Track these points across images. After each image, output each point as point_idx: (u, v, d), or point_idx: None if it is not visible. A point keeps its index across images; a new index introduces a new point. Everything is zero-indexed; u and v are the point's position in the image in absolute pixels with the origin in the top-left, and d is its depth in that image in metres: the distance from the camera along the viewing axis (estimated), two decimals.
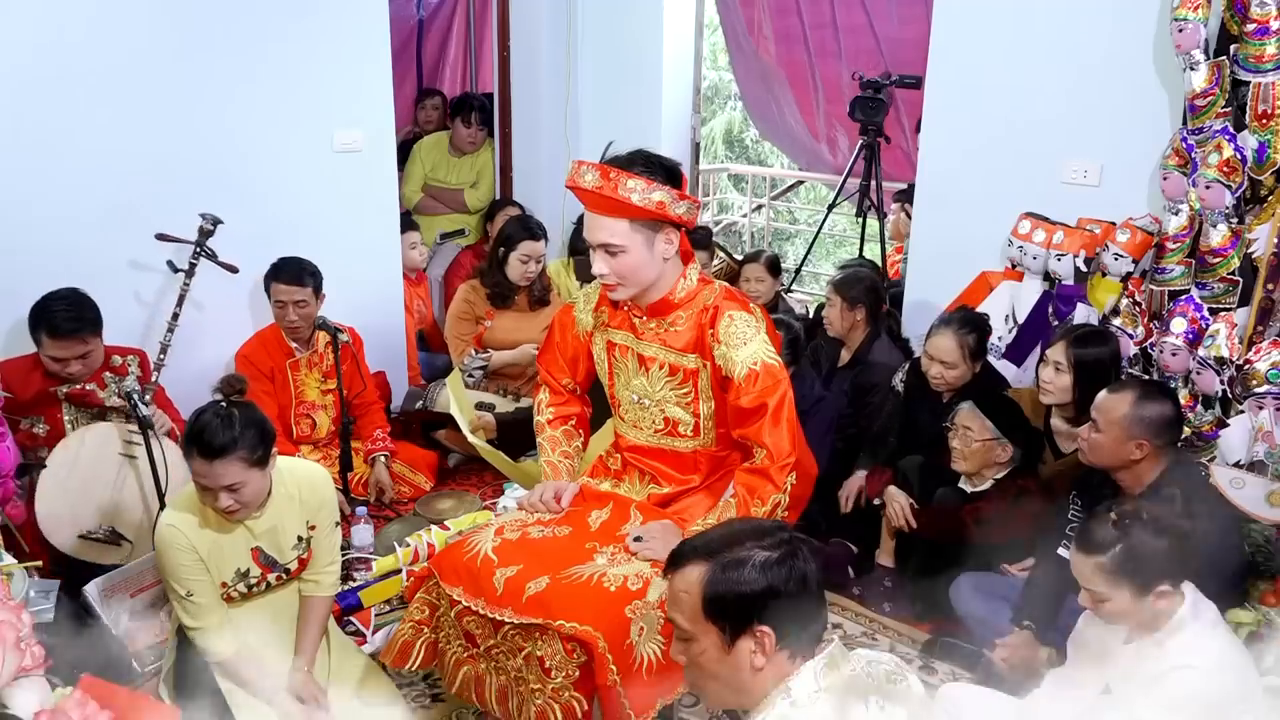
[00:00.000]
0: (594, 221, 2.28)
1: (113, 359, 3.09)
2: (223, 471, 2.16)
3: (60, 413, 3.02)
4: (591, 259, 2.32)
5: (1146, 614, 1.97)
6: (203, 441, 2.15)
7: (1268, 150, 2.85)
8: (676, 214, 2.26)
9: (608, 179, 2.20)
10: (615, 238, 2.25)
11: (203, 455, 2.15)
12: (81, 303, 2.97)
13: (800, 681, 1.44)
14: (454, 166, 5.20)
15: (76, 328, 2.93)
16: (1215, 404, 2.96)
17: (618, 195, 2.20)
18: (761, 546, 1.47)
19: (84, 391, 3.00)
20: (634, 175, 2.20)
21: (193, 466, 2.20)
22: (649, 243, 2.27)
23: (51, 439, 2.96)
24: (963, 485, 3.03)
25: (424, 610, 2.44)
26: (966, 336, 3.14)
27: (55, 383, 3.00)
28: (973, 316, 3.26)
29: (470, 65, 6.31)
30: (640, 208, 2.21)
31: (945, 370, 3.16)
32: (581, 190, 2.26)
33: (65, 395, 3.00)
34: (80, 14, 3.19)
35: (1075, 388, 2.86)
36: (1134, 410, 2.38)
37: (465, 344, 4.19)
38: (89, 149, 3.28)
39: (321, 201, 3.88)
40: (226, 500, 2.20)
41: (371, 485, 3.69)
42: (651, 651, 2.20)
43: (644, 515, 2.45)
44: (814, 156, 5.43)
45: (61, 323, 2.92)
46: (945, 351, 3.14)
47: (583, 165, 2.25)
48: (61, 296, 2.96)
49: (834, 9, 4.77)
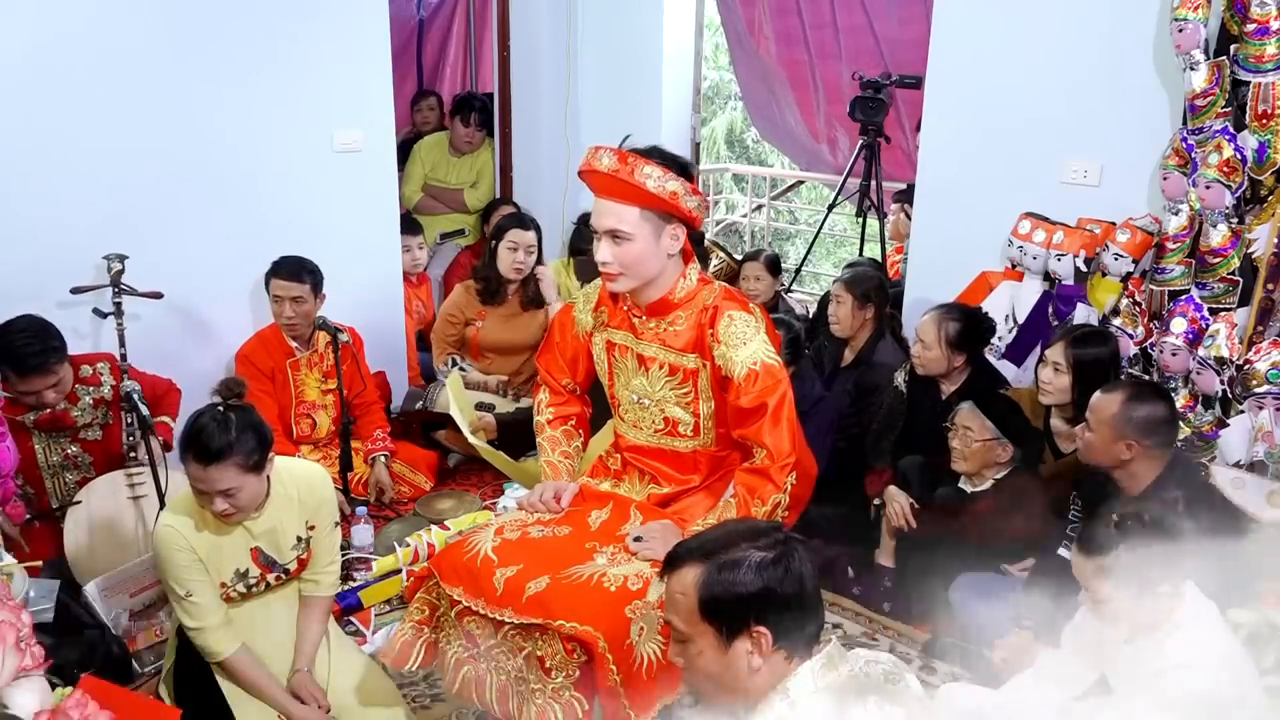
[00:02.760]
0: (603, 207, 2.28)
1: (81, 369, 2.97)
2: (218, 476, 2.14)
3: (31, 440, 2.90)
4: (595, 248, 2.32)
5: (1147, 614, 1.97)
6: (199, 446, 2.13)
7: (1268, 150, 2.85)
8: (687, 208, 2.27)
9: (624, 163, 2.22)
10: (624, 224, 2.25)
11: (199, 460, 2.14)
12: (44, 331, 2.79)
13: (798, 682, 1.44)
14: (454, 166, 5.20)
15: (43, 360, 2.75)
16: (1215, 404, 2.96)
17: (633, 180, 2.21)
18: (757, 547, 1.47)
19: (54, 415, 2.88)
20: (650, 162, 2.22)
21: (189, 471, 2.18)
22: (656, 234, 2.28)
23: (23, 468, 2.84)
24: (963, 485, 3.03)
25: (424, 610, 2.44)
26: (948, 322, 3.16)
27: (22, 410, 2.85)
28: (966, 309, 3.28)
29: (470, 65, 6.31)
30: (654, 194, 2.22)
31: (923, 351, 3.21)
32: (595, 174, 2.26)
33: (33, 423, 2.87)
34: (79, 14, 3.19)
35: (1074, 388, 2.86)
36: (1123, 410, 2.39)
37: (448, 346, 4.21)
38: (88, 149, 3.28)
39: (321, 201, 3.88)
40: (221, 505, 2.18)
41: (371, 485, 3.69)
42: (652, 651, 2.20)
43: (644, 515, 2.45)
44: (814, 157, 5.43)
45: (28, 358, 2.73)
46: (925, 331, 3.21)
47: (600, 149, 2.26)
48: (20, 329, 2.77)
49: (834, 9, 4.77)
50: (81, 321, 3.30)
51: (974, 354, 3.24)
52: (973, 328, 3.20)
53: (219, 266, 3.64)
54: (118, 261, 3.20)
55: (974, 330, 3.21)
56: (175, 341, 3.51)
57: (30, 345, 2.75)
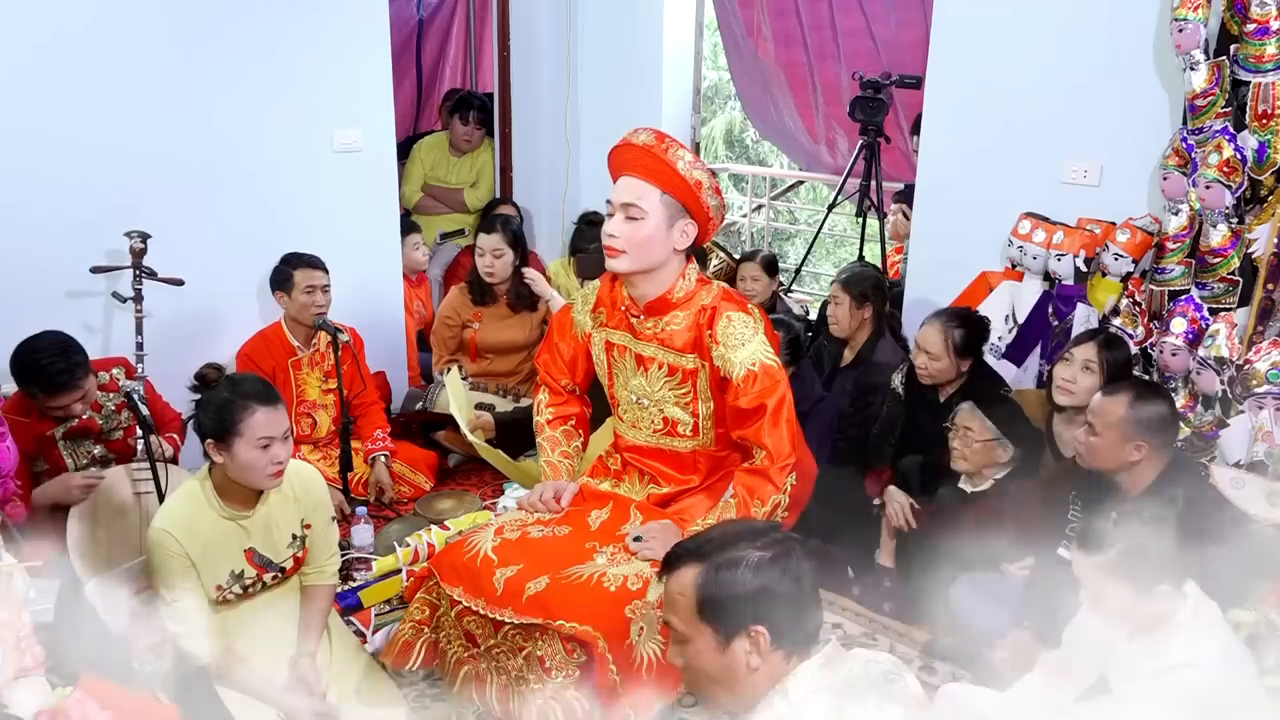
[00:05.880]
0: (625, 183, 2.32)
1: (100, 376, 3.00)
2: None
3: (57, 449, 2.95)
4: (606, 223, 2.33)
5: (1148, 614, 1.97)
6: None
7: (1268, 150, 2.85)
8: (707, 203, 2.31)
9: (661, 142, 2.28)
10: (643, 201, 2.28)
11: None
12: (67, 347, 2.81)
13: (797, 682, 1.44)
14: (454, 166, 5.20)
15: (69, 377, 2.79)
16: (1215, 404, 2.96)
17: (666, 157, 2.26)
18: (755, 547, 1.47)
19: (82, 424, 2.93)
20: (684, 148, 2.30)
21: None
22: (669, 222, 2.30)
23: (52, 475, 2.90)
24: (963, 485, 3.03)
25: (424, 610, 2.44)
26: (953, 330, 3.14)
27: (53, 424, 2.91)
28: (964, 313, 3.26)
29: (470, 65, 6.31)
30: (681, 176, 2.26)
31: (930, 361, 3.18)
32: (628, 148, 2.31)
33: (63, 435, 2.93)
34: (79, 14, 3.19)
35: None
36: (1131, 412, 2.37)
37: (447, 350, 4.23)
38: (87, 149, 3.28)
39: (321, 201, 3.88)
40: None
41: (371, 485, 3.69)
42: (651, 651, 2.20)
43: (644, 515, 2.45)
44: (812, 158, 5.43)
45: (56, 376, 2.77)
46: (930, 343, 3.17)
47: (640, 129, 2.33)
48: (44, 348, 2.79)
49: (832, 11, 4.77)
50: (92, 314, 3.32)
51: (977, 357, 3.25)
52: (975, 332, 3.21)
53: (219, 266, 3.63)
54: (139, 240, 3.17)
55: (976, 334, 3.21)
56: (175, 341, 3.51)
57: (56, 363, 2.78)
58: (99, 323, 3.40)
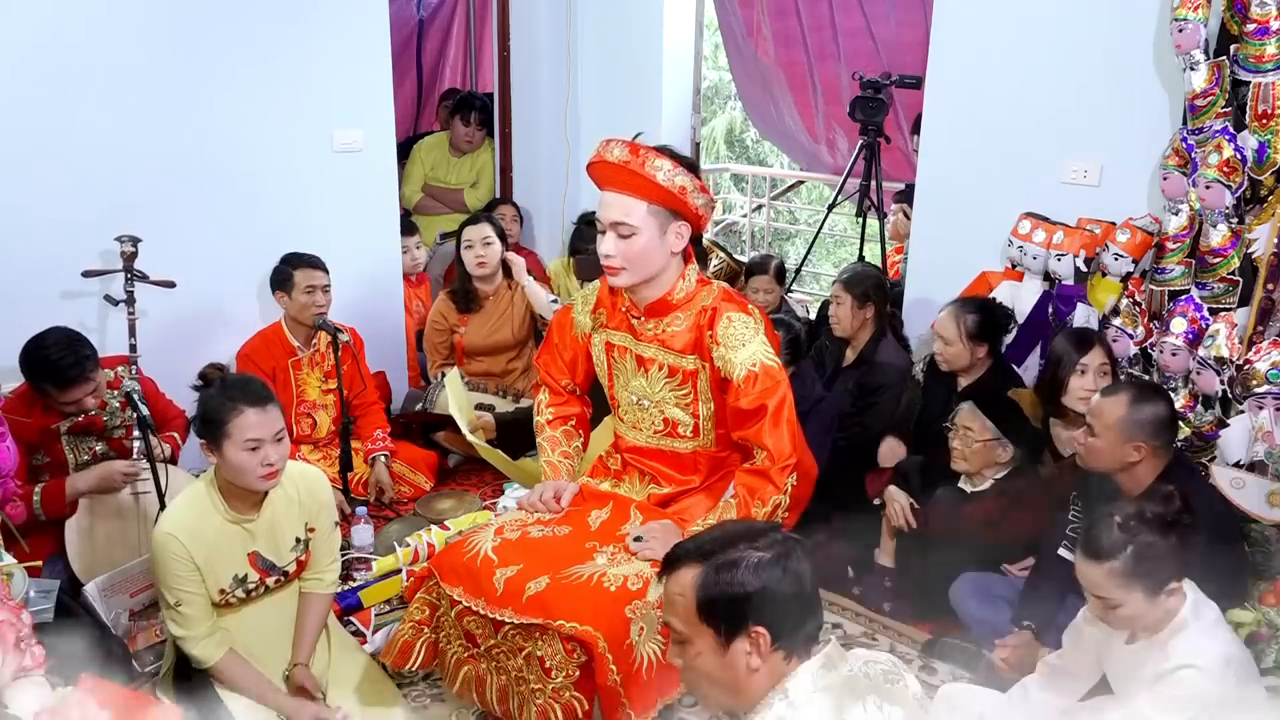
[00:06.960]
0: (610, 200, 2.29)
1: (106, 374, 3.00)
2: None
3: (60, 443, 2.96)
4: (599, 242, 2.32)
5: (1158, 615, 1.97)
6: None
7: (1268, 150, 2.84)
8: (695, 204, 2.28)
9: (636, 155, 2.23)
10: (630, 218, 2.26)
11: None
12: (76, 341, 2.83)
13: (797, 682, 1.44)
14: (454, 166, 5.20)
15: (80, 370, 2.80)
16: (1215, 404, 2.96)
17: (644, 171, 2.22)
18: (755, 548, 1.47)
19: (88, 420, 2.94)
20: (661, 156, 2.25)
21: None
22: (661, 230, 2.28)
23: (52, 469, 2.92)
24: (963, 485, 3.03)
25: (424, 610, 2.44)
26: (966, 315, 3.20)
27: (58, 418, 2.91)
28: (979, 300, 3.33)
29: (470, 65, 6.31)
30: (663, 187, 2.23)
31: (945, 347, 3.25)
32: (605, 165, 2.27)
33: (67, 430, 2.93)
34: (79, 14, 3.20)
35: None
36: (1130, 413, 2.37)
37: (440, 356, 4.23)
38: (87, 149, 3.29)
39: (321, 201, 3.88)
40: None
41: (371, 485, 3.69)
42: (652, 651, 2.20)
43: (644, 515, 2.45)
44: (813, 157, 5.44)
45: (68, 369, 2.78)
46: (945, 328, 3.24)
47: (611, 141, 2.28)
48: (53, 343, 2.80)
49: (832, 11, 4.77)
50: (88, 315, 3.32)
51: (994, 346, 3.27)
52: (990, 318, 3.23)
53: (219, 266, 3.64)
54: (130, 244, 3.19)
55: (991, 320, 3.23)
56: (175, 341, 3.51)
57: (66, 357, 2.79)
58: (95, 324, 3.39)
